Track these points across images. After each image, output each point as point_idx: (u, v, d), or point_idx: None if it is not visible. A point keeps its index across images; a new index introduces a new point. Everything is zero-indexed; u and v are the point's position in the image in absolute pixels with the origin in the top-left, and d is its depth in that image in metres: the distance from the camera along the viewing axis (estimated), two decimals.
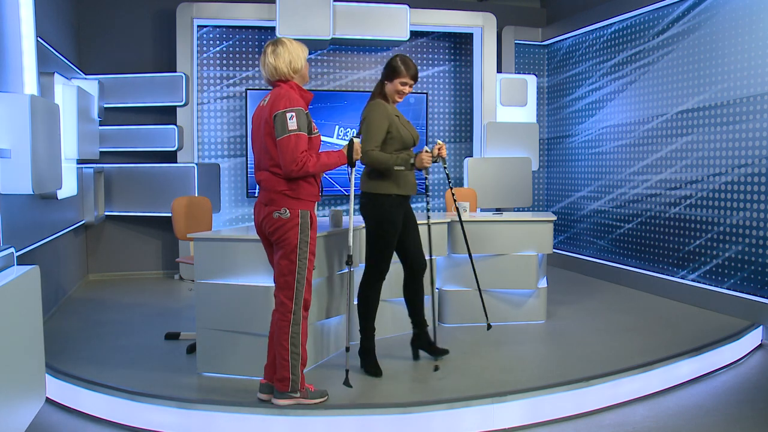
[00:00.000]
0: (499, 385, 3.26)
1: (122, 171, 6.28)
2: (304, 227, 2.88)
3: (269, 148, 2.85)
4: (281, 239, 2.86)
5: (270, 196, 2.87)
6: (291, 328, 2.89)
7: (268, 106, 2.86)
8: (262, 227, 2.93)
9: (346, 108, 6.78)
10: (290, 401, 2.93)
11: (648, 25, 5.79)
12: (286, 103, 2.81)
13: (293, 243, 2.85)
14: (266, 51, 2.92)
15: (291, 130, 2.78)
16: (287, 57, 2.89)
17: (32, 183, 3.33)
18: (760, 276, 4.60)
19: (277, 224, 2.85)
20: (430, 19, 6.79)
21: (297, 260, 2.87)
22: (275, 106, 2.82)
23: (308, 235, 2.90)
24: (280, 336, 2.90)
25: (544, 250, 4.59)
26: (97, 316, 4.84)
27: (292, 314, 2.89)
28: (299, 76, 2.96)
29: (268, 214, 2.86)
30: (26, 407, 2.67)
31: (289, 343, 2.90)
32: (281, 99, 2.83)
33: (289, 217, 2.84)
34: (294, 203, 2.86)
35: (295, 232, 2.86)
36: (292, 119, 2.78)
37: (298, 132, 2.79)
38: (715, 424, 3.09)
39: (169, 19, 6.44)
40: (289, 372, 2.90)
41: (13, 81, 3.59)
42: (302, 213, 2.87)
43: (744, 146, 4.74)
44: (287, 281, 2.88)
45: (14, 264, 2.95)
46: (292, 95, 2.86)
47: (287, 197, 2.85)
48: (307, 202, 2.91)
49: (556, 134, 7.43)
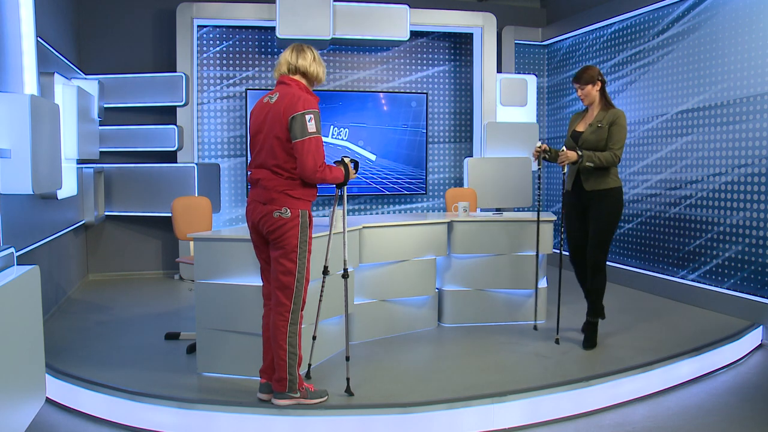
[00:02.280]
0: (499, 385, 3.26)
1: (122, 171, 6.28)
2: (304, 227, 2.88)
3: (275, 147, 2.82)
4: (281, 239, 2.85)
5: (270, 195, 2.85)
6: (289, 327, 2.89)
7: (281, 106, 2.82)
8: (258, 226, 2.91)
9: (342, 108, 6.78)
10: (290, 401, 2.93)
11: (648, 25, 5.79)
12: (304, 104, 2.79)
13: (293, 243, 2.85)
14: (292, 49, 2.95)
15: (311, 132, 2.77)
16: (310, 56, 2.94)
17: (32, 183, 3.33)
18: (760, 276, 4.61)
19: (278, 224, 2.83)
20: (430, 19, 6.79)
21: (297, 260, 2.86)
22: (293, 107, 2.79)
23: (307, 235, 2.90)
24: (278, 336, 2.90)
25: (544, 250, 4.59)
26: (97, 316, 4.84)
27: (290, 314, 2.89)
28: (309, 80, 2.97)
29: (268, 213, 2.84)
30: (26, 407, 2.67)
31: (287, 343, 2.90)
32: (298, 100, 2.80)
33: (289, 216, 2.83)
34: (295, 203, 2.85)
35: (296, 232, 2.85)
36: (311, 122, 2.77)
37: (318, 135, 2.79)
38: (715, 424, 3.09)
39: (169, 19, 6.44)
40: (287, 372, 2.90)
41: (13, 81, 3.58)
42: (302, 213, 2.87)
43: (744, 146, 4.74)
44: (287, 281, 2.87)
45: (14, 264, 2.95)
46: (308, 97, 2.84)
47: (289, 197, 2.84)
48: (306, 202, 2.91)
49: (556, 134, 7.43)
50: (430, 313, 4.51)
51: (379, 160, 6.91)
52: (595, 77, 3.91)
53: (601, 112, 3.93)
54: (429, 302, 4.49)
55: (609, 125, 3.86)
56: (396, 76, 7.16)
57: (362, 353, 3.85)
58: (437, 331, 4.43)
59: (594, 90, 3.93)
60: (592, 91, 3.93)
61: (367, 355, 3.82)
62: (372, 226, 4.11)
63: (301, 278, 2.89)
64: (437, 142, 7.33)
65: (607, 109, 3.92)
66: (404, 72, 7.18)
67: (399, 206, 7.25)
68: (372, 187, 6.91)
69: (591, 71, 3.92)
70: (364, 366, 3.60)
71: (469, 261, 4.54)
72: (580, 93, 3.97)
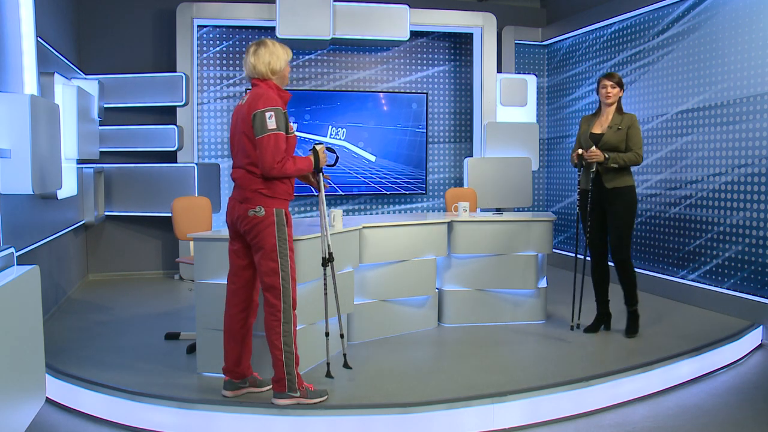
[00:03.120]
0: (499, 385, 3.26)
1: (122, 171, 6.28)
2: (280, 225, 2.90)
3: (246, 146, 2.89)
4: (257, 238, 2.89)
5: (245, 194, 2.90)
6: (282, 327, 2.91)
7: (246, 105, 2.90)
8: (236, 225, 2.96)
9: (342, 108, 6.78)
10: (290, 401, 2.93)
11: (648, 25, 5.79)
12: (265, 102, 2.84)
13: (271, 242, 2.88)
14: (248, 50, 2.98)
15: (270, 129, 2.81)
16: (267, 57, 2.94)
17: (32, 183, 3.33)
18: (760, 276, 4.61)
19: (253, 222, 2.88)
20: (430, 19, 6.79)
21: (279, 259, 2.89)
22: (254, 105, 2.86)
23: (285, 233, 2.92)
24: (273, 337, 2.92)
25: (544, 250, 4.59)
26: (97, 316, 4.84)
27: (281, 313, 2.91)
28: (278, 77, 3.00)
29: (244, 212, 2.89)
30: (26, 407, 2.67)
31: (282, 342, 2.91)
32: (260, 98, 2.86)
33: (264, 215, 2.87)
34: (269, 201, 2.89)
35: (271, 231, 2.88)
36: (271, 118, 2.81)
37: (278, 131, 2.83)
38: (715, 424, 3.09)
39: (169, 19, 6.44)
40: (284, 372, 2.91)
41: (13, 81, 3.58)
42: (277, 211, 2.90)
43: (744, 146, 4.74)
44: (273, 282, 2.90)
45: (14, 264, 2.95)
46: (270, 94, 2.89)
47: (262, 195, 2.88)
48: (282, 201, 2.94)
49: (556, 134, 7.43)
50: (430, 313, 4.51)
51: (379, 160, 6.91)
52: (621, 83, 4.18)
53: (617, 116, 4.15)
54: (429, 302, 4.49)
55: (627, 128, 4.08)
56: (396, 76, 7.16)
57: (362, 353, 3.85)
58: (437, 331, 4.43)
59: (619, 93, 4.18)
60: (619, 93, 4.17)
61: (367, 355, 3.82)
62: (372, 226, 4.11)
63: (286, 276, 2.91)
64: (437, 142, 7.33)
65: (621, 114, 4.17)
66: (404, 72, 7.18)
67: (399, 206, 7.25)
68: (372, 186, 6.92)
69: (618, 76, 4.19)
70: (364, 366, 3.60)
71: (469, 261, 4.54)
72: (610, 91, 4.13)
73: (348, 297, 3.90)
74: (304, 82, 6.90)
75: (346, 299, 3.87)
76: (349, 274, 3.89)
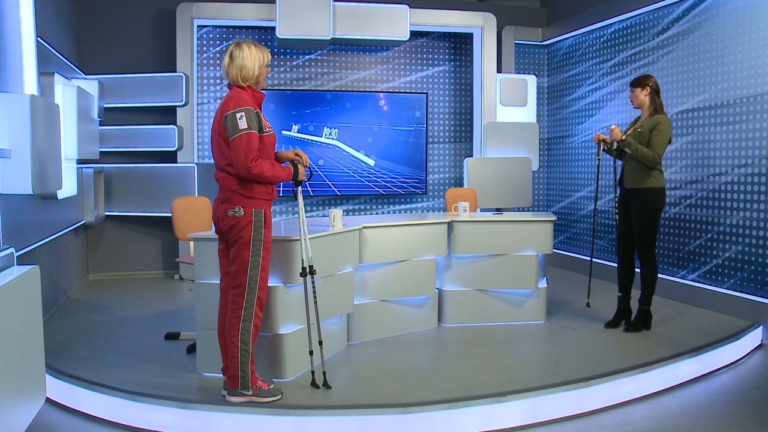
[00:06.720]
0: (499, 385, 3.26)
1: (122, 171, 6.28)
2: (257, 226, 2.93)
3: (222, 147, 2.93)
4: (235, 237, 2.93)
5: (226, 194, 2.95)
6: (242, 324, 2.94)
7: (220, 108, 2.95)
8: (219, 225, 3.00)
9: (342, 109, 6.78)
10: (242, 399, 2.98)
11: (648, 25, 5.79)
12: (236, 103, 2.88)
13: (246, 240, 2.92)
14: (226, 51, 2.99)
15: (242, 129, 2.84)
16: (239, 63, 2.94)
17: (32, 183, 3.33)
18: (760, 276, 4.61)
19: (232, 222, 2.92)
20: (430, 19, 6.79)
21: (249, 258, 2.91)
22: (225, 108, 2.90)
23: (261, 234, 2.94)
24: (231, 333, 2.95)
25: (544, 250, 4.59)
26: (97, 316, 4.84)
27: (242, 311, 2.94)
28: (252, 82, 3.00)
29: (224, 212, 2.94)
30: (26, 407, 2.67)
31: (239, 340, 2.95)
32: (230, 100, 2.91)
33: (243, 215, 2.91)
34: (248, 202, 2.92)
35: (248, 230, 2.91)
36: (242, 119, 2.84)
37: (249, 131, 2.85)
38: (715, 424, 3.09)
39: (169, 19, 6.44)
40: (239, 369, 2.95)
41: (13, 81, 3.58)
42: (256, 212, 2.93)
43: (744, 146, 4.74)
44: (240, 279, 2.93)
45: (14, 264, 2.95)
46: (242, 95, 2.92)
47: (241, 196, 2.92)
48: (261, 201, 2.96)
49: (556, 134, 7.43)
50: (430, 313, 4.51)
51: (379, 161, 6.91)
52: (644, 82, 4.16)
53: (648, 118, 4.17)
54: (429, 302, 4.49)
55: (650, 130, 4.09)
56: (396, 76, 7.16)
57: (362, 353, 3.85)
58: (437, 331, 4.43)
59: (642, 94, 4.17)
60: (640, 95, 4.18)
61: (367, 355, 3.82)
62: (372, 226, 4.11)
63: (254, 276, 2.93)
64: (437, 142, 7.33)
65: (652, 115, 4.14)
66: (404, 72, 7.18)
67: (399, 206, 7.25)
68: (371, 187, 6.91)
69: (644, 77, 4.19)
70: (364, 366, 3.60)
71: (469, 261, 4.54)
72: (631, 95, 4.23)
73: (348, 297, 3.90)
74: (304, 82, 6.90)
75: (346, 299, 3.88)
76: (349, 274, 3.89)
